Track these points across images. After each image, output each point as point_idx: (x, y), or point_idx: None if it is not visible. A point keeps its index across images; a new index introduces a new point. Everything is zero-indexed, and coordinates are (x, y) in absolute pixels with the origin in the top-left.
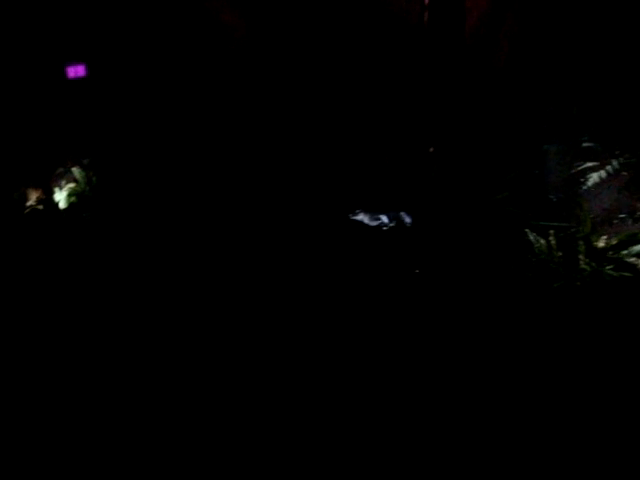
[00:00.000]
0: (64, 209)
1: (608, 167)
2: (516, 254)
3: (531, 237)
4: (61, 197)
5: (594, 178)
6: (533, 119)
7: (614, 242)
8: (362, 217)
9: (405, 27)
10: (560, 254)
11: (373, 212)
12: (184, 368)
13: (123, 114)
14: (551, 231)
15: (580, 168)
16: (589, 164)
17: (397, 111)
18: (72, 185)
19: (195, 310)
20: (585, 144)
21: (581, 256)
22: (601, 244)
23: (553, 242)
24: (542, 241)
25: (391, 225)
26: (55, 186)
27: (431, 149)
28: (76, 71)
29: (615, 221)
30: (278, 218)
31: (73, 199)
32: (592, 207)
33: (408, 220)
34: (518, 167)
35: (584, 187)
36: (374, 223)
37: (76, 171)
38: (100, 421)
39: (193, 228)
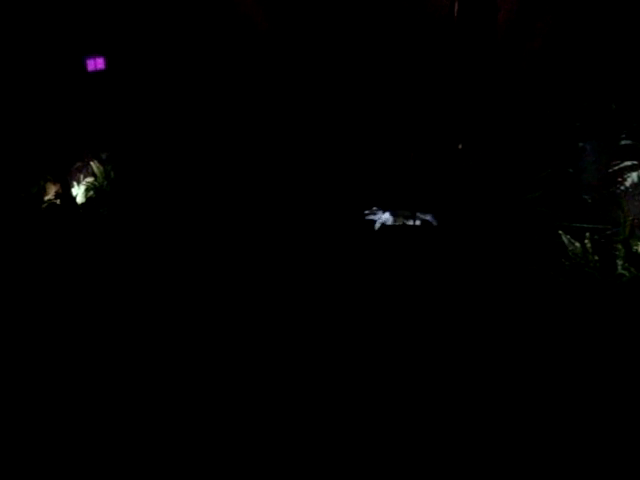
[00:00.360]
0: (82, 204)
1: None
2: (548, 257)
3: (565, 239)
4: (79, 191)
5: (633, 178)
6: (568, 115)
7: None
8: (379, 216)
9: (434, 19)
10: (596, 258)
11: (392, 210)
12: (193, 363)
13: (142, 108)
14: (587, 234)
15: (618, 167)
16: (627, 163)
17: (425, 105)
18: (90, 179)
19: (204, 308)
20: (623, 141)
21: (619, 261)
22: None
23: (589, 245)
24: (577, 244)
25: (412, 224)
26: (74, 180)
27: (460, 146)
28: (96, 64)
29: None
30: (294, 215)
31: (91, 194)
32: (630, 209)
33: (429, 219)
34: (551, 165)
35: (622, 187)
36: (393, 222)
37: (94, 165)
38: (98, 420)
39: (212, 224)
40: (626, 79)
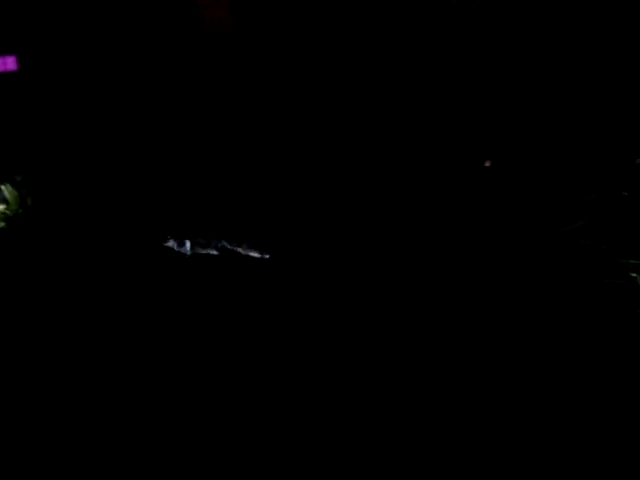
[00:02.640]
0: None
1: None
2: (612, 318)
3: None
4: None
5: None
6: (622, 125)
7: None
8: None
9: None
10: None
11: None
12: None
13: (67, 118)
14: None
15: None
16: None
17: (433, 115)
18: (1, 207)
19: None
20: None
21: None
22: None
23: None
24: None
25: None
26: None
27: (488, 163)
28: (5, 64)
29: None
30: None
31: (2, 225)
32: None
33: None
34: (600, 187)
35: None
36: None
37: (6, 190)
38: None
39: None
40: None
